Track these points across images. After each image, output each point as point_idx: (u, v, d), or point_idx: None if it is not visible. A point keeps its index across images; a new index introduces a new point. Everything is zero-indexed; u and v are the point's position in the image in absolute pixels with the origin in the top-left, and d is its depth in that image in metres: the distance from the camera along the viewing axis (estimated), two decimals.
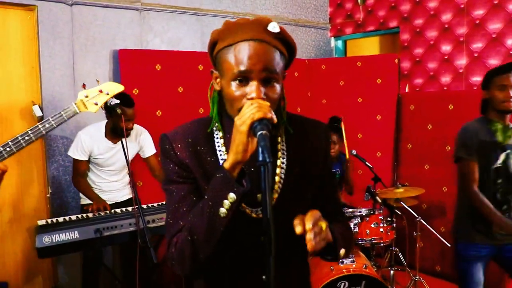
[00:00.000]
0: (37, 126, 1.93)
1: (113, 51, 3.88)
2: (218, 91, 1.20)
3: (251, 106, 1.05)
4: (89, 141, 3.23)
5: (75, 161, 3.29)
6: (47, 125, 1.94)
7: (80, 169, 3.31)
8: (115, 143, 3.28)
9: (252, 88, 1.10)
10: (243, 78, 1.11)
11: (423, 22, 4.50)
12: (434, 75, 4.46)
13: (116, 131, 3.17)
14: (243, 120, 1.04)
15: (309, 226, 1.05)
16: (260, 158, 0.97)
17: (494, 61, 4.00)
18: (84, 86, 2.16)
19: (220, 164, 1.16)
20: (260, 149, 0.98)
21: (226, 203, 1.06)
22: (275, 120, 1.06)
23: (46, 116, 3.52)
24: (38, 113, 3.53)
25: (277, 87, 1.14)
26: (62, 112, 2.04)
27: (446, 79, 4.37)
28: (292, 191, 1.23)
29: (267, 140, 0.99)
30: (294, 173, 1.24)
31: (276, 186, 1.22)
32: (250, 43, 1.10)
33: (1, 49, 3.49)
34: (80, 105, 2.02)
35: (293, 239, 1.25)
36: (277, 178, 1.22)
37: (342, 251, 1.23)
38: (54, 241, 2.38)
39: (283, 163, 1.23)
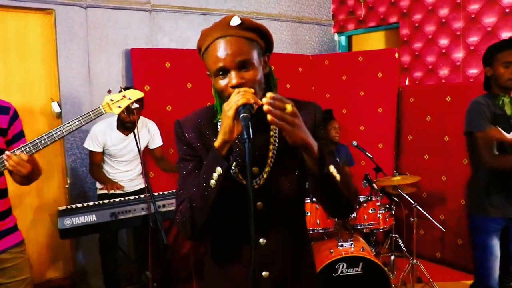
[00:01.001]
0: (68, 122, 2.18)
1: (125, 50, 4.13)
2: None
3: (237, 95, 1.23)
4: (102, 134, 3.51)
5: (91, 152, 3.58)
6: (76, 123, 2.19)
7: (95, 159, 3.60)
8: (127, 135, 3.54)
9: (231, 77, 1.29)
10: (223, 72, 1.30)
11: (421, 17, 4.66)
12: (432, 68, 4.62)
13: (122, 125, 3.43)
14: (230, 106, 1.22)
15: (268, 95, 1.17)
16: (244, 137, 1.17)
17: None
18: (109, 91, 2.44)
19: None
20: (243, 129, 1.18)
21: (215, 175, 1.26)
22: (259, 102, 1.23)
23: (64, 111, 3.82)
24: (57, 109, 3.78)
25: (255, 70, 1.31)
26: (91, 112, 2.29)
27: (444, 72, 4.54)
28: (283, 165, 1.40)
29: (248, 121, 1.18)
30: (284, 148, 1.41)
31: (268, 161, 1.40)
32: (218, 41, 1.29)
33: (23, 50, 3.76)
34: (106, 107, 2.28)
35: (286, 207, 1.44)
36: (269, 154, 1.40)
37: (332, 168, 1.29)
38: (74, 223, 2.63)
39: (275, 140, 1.42)
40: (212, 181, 1.27)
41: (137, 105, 2.76)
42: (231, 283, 1.45)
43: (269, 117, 1.16)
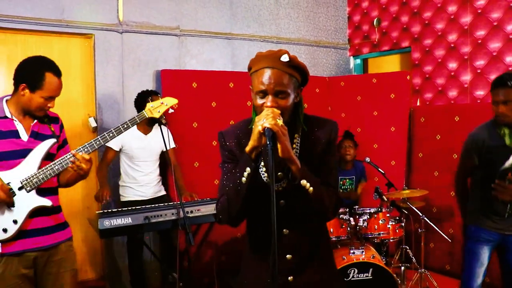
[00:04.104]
0: (118, 126, 2.58)
1: (156, 71, 4.50)
2: None
3: (267, 113, 1.56)
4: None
5: (106, 148, 3.78)
6: (125, 126, 2.59)
7: (107, 157, 3.84)
8: (146, 134, 3.82)
9: (268, 99, 1.64)
10: (263, 93, 1.65)
11: (432, 42, 4.96)
12: (442, 90, 4.89)
13: (153, 120, 3.63)
14: (260, 123, 1.54)
15: (280, 124, 1.55)
16: (268, 143, 1.51)
17: (495, 77, 4.40)
18: (150, 99, 2.85)
19: None
20: (267, 138, 1.52)
21: (245, 174, 1.60)
22: (277, 128, 1.54)
23: (100, 126, 4.18)
24: (93, 124, 4.16)
25: (288, 99, 1.65)
26: (136, 117, 2.70)
27: (453, 93, 4.80)
28: None
29: (271, 133, 1.52)
30: (303, 159, 1.69)
31: None
32: (267, 69, 1.64)
33: (64, 70, 4.05)
34: (148, 112, 2.68)
35: (303, 206, 1.73)
36: None
37: (305, 182, 1.61)
38: (112, 224, 2.94)
39: (296, 152, 1.73)
40: (243, 179, 1.61)
41: (172, 110, 3.11)
42: (266, 272, 1.72)
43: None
